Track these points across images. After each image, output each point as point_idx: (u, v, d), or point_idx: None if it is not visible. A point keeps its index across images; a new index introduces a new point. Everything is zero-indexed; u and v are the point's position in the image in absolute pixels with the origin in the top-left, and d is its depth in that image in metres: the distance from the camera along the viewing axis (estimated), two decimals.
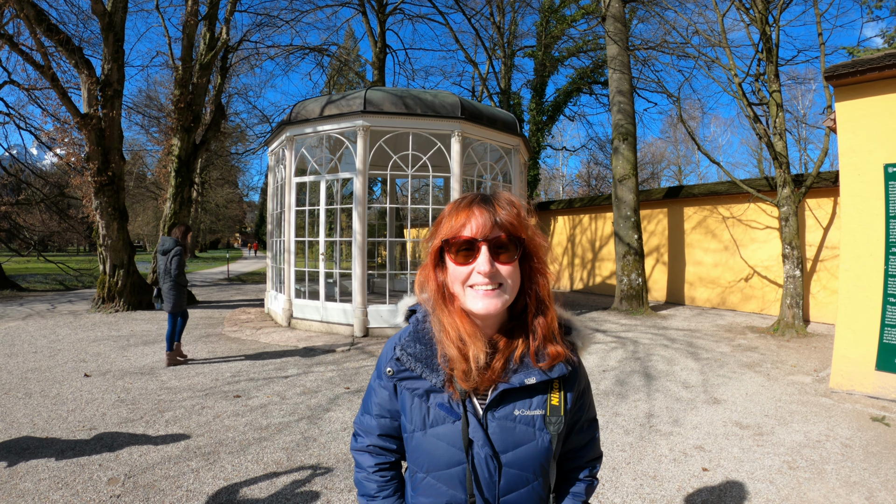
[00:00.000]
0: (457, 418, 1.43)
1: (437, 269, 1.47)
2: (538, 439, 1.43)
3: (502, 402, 1.43)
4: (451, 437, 1.43)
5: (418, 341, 1.51)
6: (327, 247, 15.24)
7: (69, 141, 13.86)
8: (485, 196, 1.43)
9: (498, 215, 1.37)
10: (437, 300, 1.47)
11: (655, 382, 7.79)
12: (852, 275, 7.22)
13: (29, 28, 12.18)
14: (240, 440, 5.38)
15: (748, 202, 14.98)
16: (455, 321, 1.42)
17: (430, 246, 1.47)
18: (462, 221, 1.37)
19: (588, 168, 50.11)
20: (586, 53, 26.48)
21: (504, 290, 1.37)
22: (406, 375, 1.51)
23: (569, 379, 1.51)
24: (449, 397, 1.44)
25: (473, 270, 1.36)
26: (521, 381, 1.41)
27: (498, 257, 1.36)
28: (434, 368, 1.46)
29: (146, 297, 15.02)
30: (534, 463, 1.43)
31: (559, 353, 1.45)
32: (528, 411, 1.43)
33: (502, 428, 1.42)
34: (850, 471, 4.74)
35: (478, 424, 1.42)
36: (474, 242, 1.35)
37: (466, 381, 1.40)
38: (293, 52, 23.73)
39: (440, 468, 1.45)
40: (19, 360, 8.76)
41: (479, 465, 1.41)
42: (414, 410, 1.49)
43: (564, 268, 23.59)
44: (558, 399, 1.47)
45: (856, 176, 7.19)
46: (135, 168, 40.19)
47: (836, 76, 7.21)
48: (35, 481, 4.38)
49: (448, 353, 1.42)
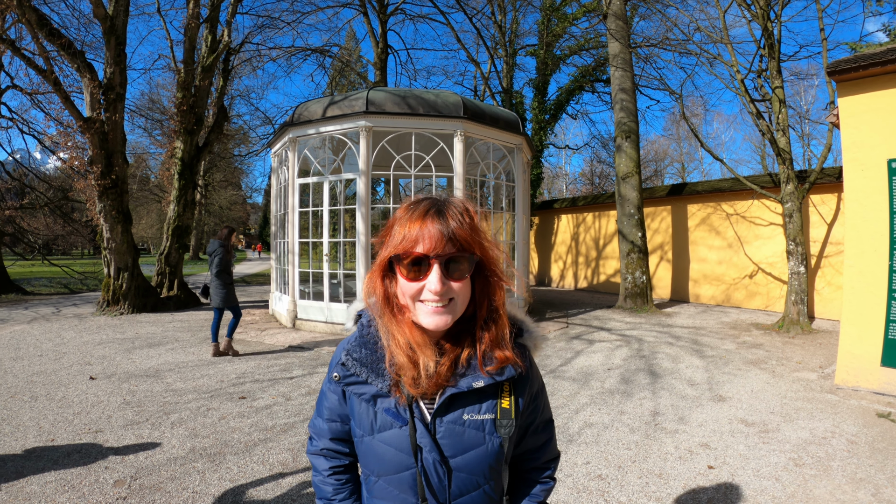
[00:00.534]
0: (403, 423, 1.41)
1: (384, 279, 1.43)
2: (488, 443, 1.42)
3: (451, 407, 1.42)
4: (398, 442, 1.42)
5: (364, 346, 1.49)
6: (331, 248, 15.24)
7: (72, 145, 13.87)
8: (438, 205, 1.37)
9: (450, 228, 1.32)
10: (383, 308, 1.44)
11: (661, 380, 7.78)
12: (857, 271, 7.20)
13: (31, 33, 12.21)
14: (245, 441, 5.39)
15: (752, 199, 14.97)
16: (404, 330, 1.40)
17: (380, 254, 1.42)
18: (414, 235, 1.32)
19: (591, 166, 50.04)
20: (588, 51, 26.43)
21: (454, 305, 1.35)
22: (353, 380, 1.48)
23: (519, 382, 1.49)
24: (395, 402, 1.42)
25: (424, 287, 1.32)
26: (469, 384, 1.39)
27: (450, 275, 1.33)
28: (380, 373, 1.44)
29: (151, 300, 15.05)
30: (484, 467, 1.43)
31: (507, 357, 1.43)
32: (478, 416, 1.42)
33: (451, 433, 1.41)
34: (857, 467, 4.73)
35: (425, 430, 1.40)
36: (426, 259, 1.31)
37: (415, 387, 1.38)
38: (295, 53, 23.74)
39: (390, 472, 1.44)
40: (25, 363, 8.79)
41: (429, 469, 1.41)
42: (362, 415, 1.48)
43: (568, 266, 23.60)
44: (509, 403, 1.45)
45: (859, 171, 7.18)
46: (138, 171, 40.30)
47: (838, 71, 7.19)
48: (41, 484, 4.39)
49: (397, 360, 1.39)
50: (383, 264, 1.41)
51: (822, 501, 4.14)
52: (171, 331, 11.82)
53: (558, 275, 24.29)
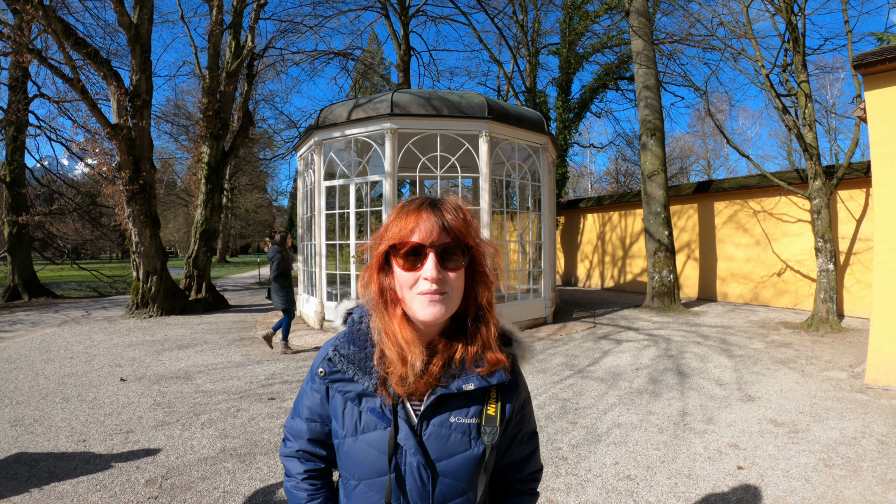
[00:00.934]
0: (388, 424, 1.40)
1: (381, 273, 1.43)
2: (472, 449, 1.40)
3: (439, 409, 1.41)
4: (381, 443, 1.40)
5: (352, 342, 1.48)
6: (358, 250, 15.32)
7: (100, 151, 14.05)
8: (433, 200, 1.40)
9: (446, 220, 1.35)
10: (378, 303, 1.43)
11: (689, 380, 7.73)
12: (886, 267, 7.10)
13: (57, 42, 12.38)
14: (275, 442, 5.43)
15: (779, 195, 14.80)
16: (394, 326, 1.38)
17: (376, 248, 1.43)
18: (410, 226, 1.34)
19: (616, 165, 49.81)
20: (611, 49, 26.32)
21: (449, 298, 1.35)
22: (338, 377, 1.46)
23: (507, 389, 1.49)
24: (381, 402, 1.41)
25: (420, 277, 1.33)
26: (459, 386, 1.39)
27: (445, 264, 1.34)
28: (367, 371, 1.42)
29: (179, 303, 15.24)
30: (468, 473, 1.41)
31: (499, 360, 1.43)
32: (465, 419, 1.41)
33: (437, 435, 1.39)
34: (887, 468, 4.67)
35: (410, 431, 1.39)
36: (422, 248, 1.33)
37: (403, 385, 1.37)
38: (318, 57, 23.90)
39: (371, 476, 1.42)
40: (56, 365, 8.94)
41: (411, 473, 1.38)
42: (346, 415, 1.46)
43: (595, 266, 23.50)
44: (494, 409, 1.44)
45: (888, 166, 7.07)
46: (165, 176, 40.69)
47: (864, 64, 7.09)
48: (73, 483, 4.47)
49: (387, 355, 1.39)
50: (380, 258, 1.41)
51: (852, 502, 4.10)
52: (199, 333, 11.95)
53: (584, 274, 24.19)
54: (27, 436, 5.63)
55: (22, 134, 20.07)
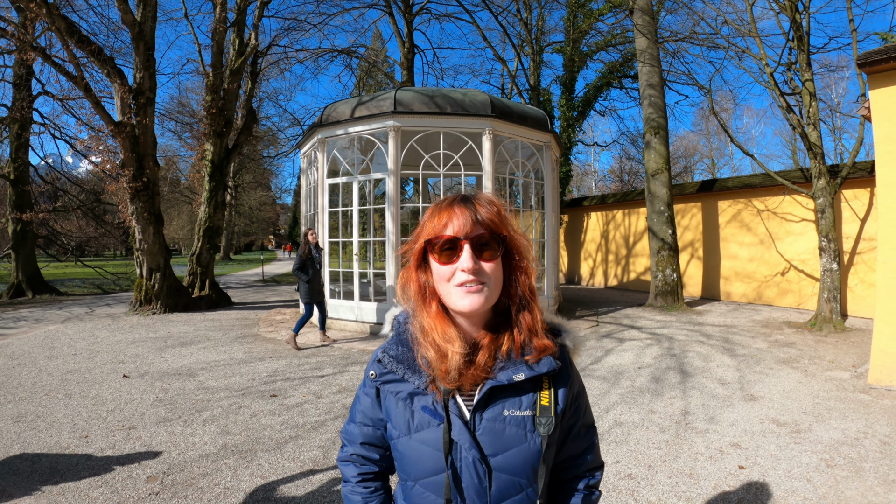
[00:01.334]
0: (441, 421, 1.39)
1: (419, 271, 1.45)
2: (529, 441, 1.38)
3: (490, 402, 1.39)
4: (435, 441, 1.39)
5: (400, 343, 1.50)
6: (361, 247, 15.32)
7: (104, 148, 14.07)
8: (465, 196, 1.43)
9: (479, 213, 1.37)
10: (417, 301, 1.46)
11: (691, 379, 7.73)
12: (890, 267, 7.08)
13: (61, 40, 12.38)
14: (276, 438, 5.45)
15: (783, 194, 14.75)
16: (433, 322, 1.40)
17: (413, 248, 1.45)
18: (444, 221, 1.37)
19: (620, 163, 49.69)
20: (615, 47, 26.26)
21: (487, 287, 1.35)
22: (389, 378, 1.48)
23: (559, 378, 1.47)
24: (433, 399, 1.41)
25: (457, 269, 1.34)
26: (508, 377, 1.37)
27: (481, 255, 1.35)
28: (416, 370, 1.43)
29: (182, 300, 15.27)
30: (526, 467, 1.38)
31: (546, 347, 1.41)
32: (518, 412, 1.39)
33: (492, 430, 1.38)
34: (889, 469, 4.65)
35: (464, 427, 1.37)
36: (457, 241, 1.34)
37: (446, 380, 1.37)
38: (321, 55, 23.96)
39: (427, 475, 1.41)
40: (59, 361, 8.96)
41: (467, 469, 1.37)
42: (398, 415, 1.46)
43: (598, 264, 23.48)
44: (548, 399, 1.42)
45: (892, 165, 7.05)
46: (169, 173, 40.75)
47: (868, 63, 7.07)
48: (76, 479, 4.49)
49: (426, 354, 1.40)
50: (417, 255, 1.44)
51: (854, 503, 4.09)
52: (202, 330, 11.97)
53: (588, 273, 24.17)
54: (30, 432, 5.64)
55: (26, 131, 20.10)
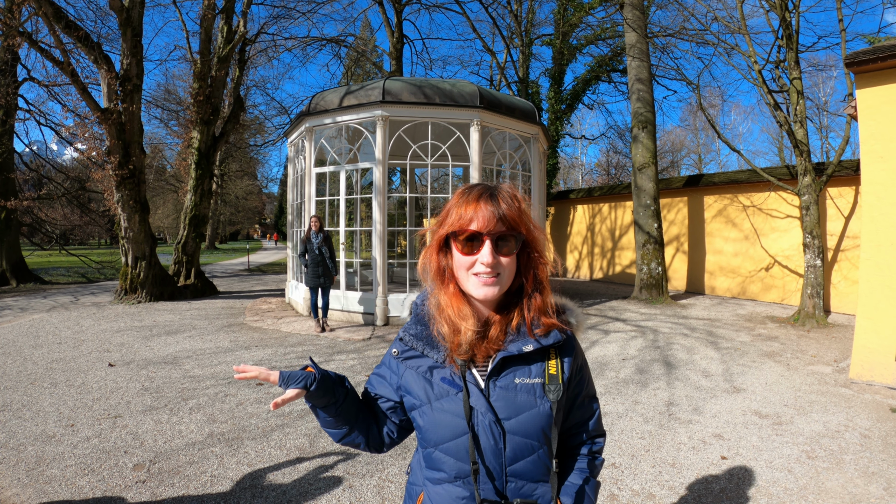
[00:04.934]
0: (459, 390, 1.51)
1: (440, 253, 1.57)
2: (539, 406, 1.50)
3: (503, 371, 1.52)
4: (454, 408, 1.51)
5: (419, 322, 1.63)
6: (347, 237, 15.30)
7: (90, 135, 13.95)
8: (490, 190, 1.52)
9: (501, 210, 1.46)
10: (436, 280, 1.58)
11: (675, 371, 7.79)
12: (873, 264, 7.16)
13: (48, 25, 12.27)
14: (263, 427, 5.46)
15: (769, 191, 14.85)
16: (450, 300, 1.53)
17: (437, 232, 1.56)
18: (469, 215, 1.46)
19: (607, 157, 49.83)
20: (605, 41, 26.27)
21: (501, 279, 1.48)
22: (410, 355, 1.61)
23: (564, 349, 1.60)
24: (451, 371, 1.54)
25: (477, 261, 1.46)
26: (518, 348, 1.51)
27: (500, 250, 1.46)
28: (434, 346, 1.57)
29: (168, 289, 15.21)
30: (537, 430, 1.50)
31: (553, 323, 1.55)
32: (528, 379, 1.52)
33: (504, 396, 1.50)
34: (869, 461, 4.73)
35: (480, 393, 1.50)
36: (480, 236, 1.45)
37: (458, 352, 1.51)
38: (310, 43, 23.84)
39: (447, 440, 1.52)
40: (44, 350, 8.92)
41: (484, 432, 1.48)
42: (418, 387, 1.58)
43: (584, 257, 23.54)
44: (556, 368, 1.55)
45: (877, 164, 7.12)
46: (155, 161, 40.52)
47: (856, 63, 7.12)
48: (62, 468, 4.48)
49: (441, 328, 1.54)
50: (440, 241, 1.55)
51: (834, 494, 4.15)
52: (188, 319, 11.94)
53: (574, 265, 24.24)
54: (15, 420, 5.62)
55: (11, 118, 19.85)
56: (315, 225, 10.52)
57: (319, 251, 10.42)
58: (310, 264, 10.50)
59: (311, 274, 10.55)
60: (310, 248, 10.45)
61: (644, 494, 4.18)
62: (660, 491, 4.21)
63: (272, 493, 4.15)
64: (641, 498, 4.13)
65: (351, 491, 4.19)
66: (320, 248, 10.43)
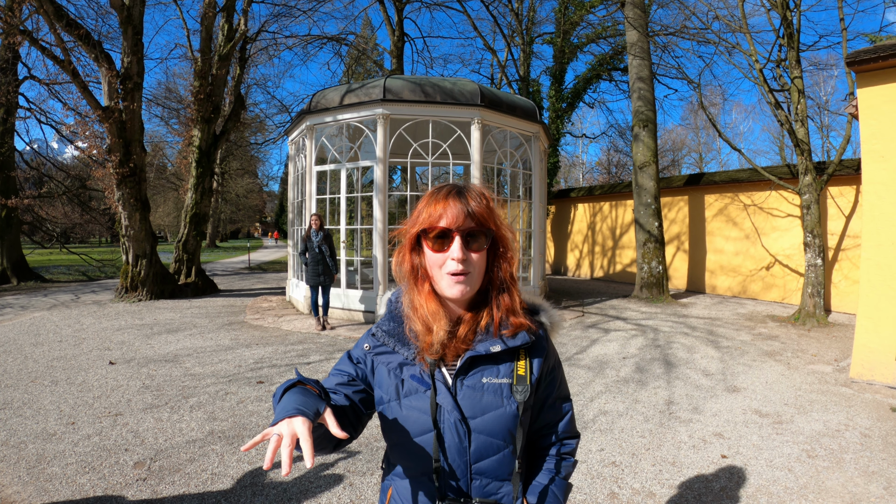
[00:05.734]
0: (427, 387, 1.52)
1: (413, 252, 1.58)
2: (506, 406, 1.51)
3: (471, 370, 1.53)
4: (422, 405, 1.52)
5: (392, 319, 1.65)
6: (348, 235, 15.32)
7: (90, 134, 13.94)
8: (459, 188, 1.54)
9: (470, 207, 1.48)
10: (409, 280, 1.59)
11: (675, 370, 7.79)
12: (874, 263, 7.16)
13: (48, 24, 12.24)
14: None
15: (770, 190, 14.84)
16: (422, 299, 1.54)
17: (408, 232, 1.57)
18: (439, 212, 1.48)
19: (608, 155, 49.79)
20: (605, 40, 26.25)
21: (472, 277, 1.49)
22: (381, 350, 1.62)
23: (534, 350, 1.60)
24: (420, 369, 1.54)
25: (448, 257, 1.47)
26: (486, 348, 1.51)
27: (469, 246, 1.48)
28: (405, 343, 1.58)
29: (169, 287, 15.22)
30: (503, 430, 1.51)
31: (521, 324, 1.55)
32: (496, 379, 1.52)
33: (471, 395, 1.51)
34: (869, 460, 4.73)
35: (447, 391, 1.51)
36: (449, 232, 1.47)
37: (430, 352, 1.51)
38: (311, 41, 23.83)
39: (415, 435, 1.52)
40: (45, 349, 8.92)
41: (449, 430, 1.50)
42: (388, 383, 1.58)
43: (585, 256, 23.55)
44: (524, 369, 1.55)
45: (878, 163, 7.12)
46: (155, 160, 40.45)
47: (857, 62, 7.12)
48: (62, 466, 4.48)
49: (414, 327, 1.55)
50: (412, 240, 1.56)
51: (834, 493, 4.15)
52: (189, 317, 11.94)
53: (574, 264, 24.25)
54: (16, 419, 5.62)
55: (11, 116, 19.84)
56: (315, 223, 10.53)
57: (320, 249, 10.43)
58: (310, 262, 10.51)
59: (311, 272, 10.55)
60: (310, 247, 10.44)
61: (644, 493, 4.18)
62: (660, 489, 4.22)
63: (273, 490, 4.15)
64: (642, 496, 4.13)
65: (351, 489, 4.19)
66: (320, 246, 10.43)
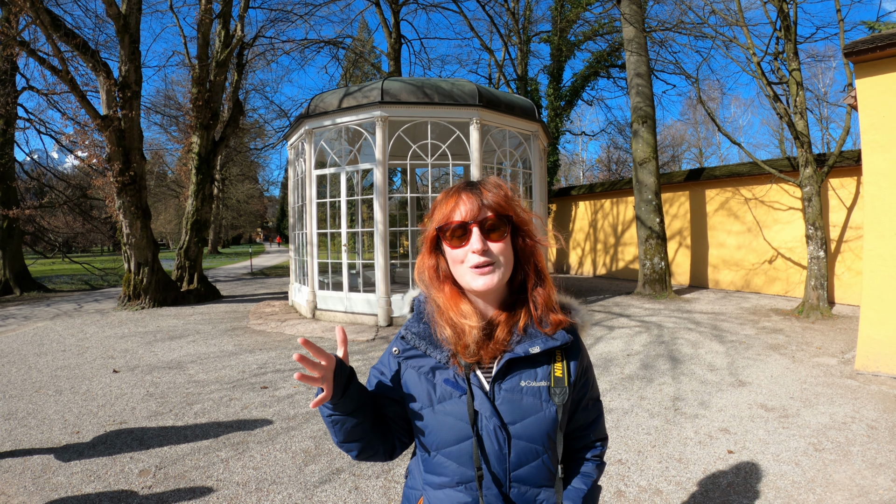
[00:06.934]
0: (463, 392, 1.47)
1: (432, 254, 1.55)
2: (545, 410, 1.46)
3: (508, 374, 1.48)
4: (458, 411, 1.46)
5: (420, 321, 1.59)
6: (349, 238, 15.31)
7: (90, 143, 13.97)
8: (471, 182, 1.53)
9: (485, 198, 1.46)
10: (432, 282, 1.55)
11: (681, 366, 7.77)
12: (876, 255, 7.13)
13: (45, 34, 12.25)
14: (268, 430, 5.45)
15: (770, 183, 14.82)
16: (448, 301, 1.50)
17: (425, 234, 1.55)
18: (452, 208, 1.47)
19: (608, 152, 49.82)
20: (602, 37, 26.20)
21: (498, 267, 1.45)
22: (411, 354, 1.57)
23: (571, 350, 1.56)
24: (454, 372, 1.49)
25: (468, 251, 1.44)
26: (525, 350, 1.47)
27: (489, 236, 1.44)
28: (437, 345, 1.52)
29: (171, 294, 15.22)
30: (542, 434, 1.46)
31: (561, 321, 1.52)
32: (534, 382, 1.48)
33: (510, 399, 1.46)
34: (877, 452, 4.71)
35: (484, 397, 1.46)
36: (466, 225, 1.44)
37: (466, 354, 1.46)
38: (308, 46, 23.79)
39: (449, 444, 1.48)
40: (48, 358, 8.92)
41: (488, 437, 1.44)
42: (419, 389, 1.53)
43: (587, 253, 23.52)
44: (562, 370, 1.51)
45: (878, 153, 7.09)
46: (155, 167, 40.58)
47: (855, 52, 7.09)
48: (68, 475, 4.48)
49: (442, 332, 1.50)
50: (431, 241, 1.55)
51: (842, 486, 4.13)
52: (192, 323, 11.94)
53: (577, 262, 24.23)
54: (21, 429, 5.62)
55: (11, 127, 19.87)
56: None
57: None
58: None
59: None
60: None
61: (651, 490, 4.17)
62: (667, 486, 4.20)
63: (278, 496, 4.14)
64: (649, 494, 4.12)
65: (357, 493, 4.18)
66: None
